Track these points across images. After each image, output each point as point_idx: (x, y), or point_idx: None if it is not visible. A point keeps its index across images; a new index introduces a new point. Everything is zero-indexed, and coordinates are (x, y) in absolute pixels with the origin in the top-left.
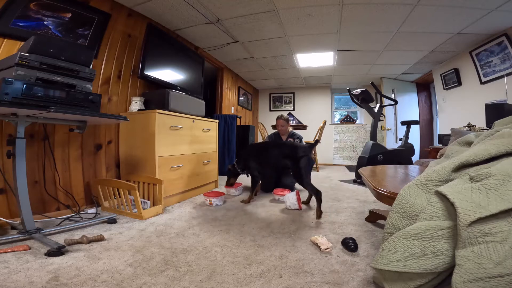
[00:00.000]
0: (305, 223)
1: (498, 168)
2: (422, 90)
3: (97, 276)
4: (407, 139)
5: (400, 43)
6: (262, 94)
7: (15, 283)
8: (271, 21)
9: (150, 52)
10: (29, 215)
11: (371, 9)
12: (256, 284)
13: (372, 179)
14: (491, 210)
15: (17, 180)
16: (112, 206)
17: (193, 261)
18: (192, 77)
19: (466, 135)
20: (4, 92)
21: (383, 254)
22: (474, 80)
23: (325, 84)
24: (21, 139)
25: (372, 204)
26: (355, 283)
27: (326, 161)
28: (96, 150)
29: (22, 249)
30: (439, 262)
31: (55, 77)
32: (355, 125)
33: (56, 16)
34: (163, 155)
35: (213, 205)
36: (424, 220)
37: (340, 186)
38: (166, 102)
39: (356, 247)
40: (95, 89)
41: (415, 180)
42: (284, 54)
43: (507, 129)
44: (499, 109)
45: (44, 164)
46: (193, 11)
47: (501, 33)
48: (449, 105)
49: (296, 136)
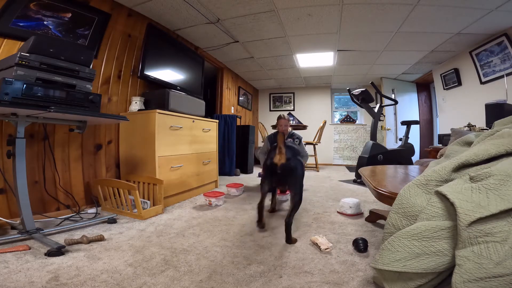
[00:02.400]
0: (305, 223)
1: (498, 168)
2: (422, 90)
3: (97, 276)
4: (407, 139)
5: (400, 43)
6: (262, 94)
7: (15, 283)
8: (271, 21)
9: (150, 52)
10: (29, 215)
11: (371, 9)
12: (256, 284)
13: (372, 179)
14: (491, 210)
15: (17, 180)
16: (112, 206)
17: (193, 261)
18: (192, 77)
19: (466, 135)
20: (4, 92)
21: (383, 254)
22: (474, 80)
23: (325, 84)
24: (21, 139)
25: (372, 204)
26: (355, 283)
27: (326, 161)
28: (96, 150)
29: (22, 249)
30: (439, 262)
31: (55, 77)
32: (355, 125)
33: (56, 16)
34: (163, 155)
35: (212, 205)
36: (424, 220)
37: (340, 186)
38: (166, 102)
39: (365, 248)
40: (95, 89)
41: (415, 180)
42: (284, 54)
43: (507, 129)
44: (499, 109)
45: (44, 164)
46: (193, 11)
47: (501, 33)
48: (449, 105)
49: (296, 136)
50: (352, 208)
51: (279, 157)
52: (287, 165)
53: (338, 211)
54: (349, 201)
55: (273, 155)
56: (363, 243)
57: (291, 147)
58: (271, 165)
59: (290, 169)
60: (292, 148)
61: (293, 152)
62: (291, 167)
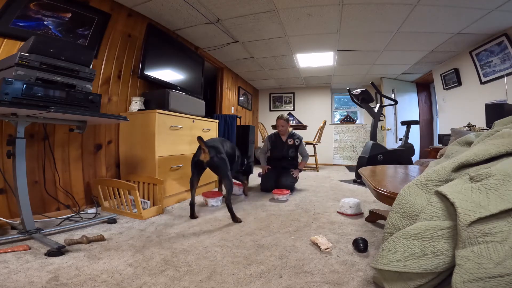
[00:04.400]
0: (305, 223)
1: (498, 168)
2: (422, 90)
3: (97, 276)
4: (407, 139)
5: (400, 43)
6: (262, 94)
7: (15, 283)
8: (271, 21)
9: (150, 52)
10: (29, 215)
11: (371, 9)
12: (256, 284)
13: (372, 179)
14: (491, 210)
15: (17, 180)
16: (112, 206)
17: (193, 261)
18: (192, 77)
19: (466, 135)
20: (4, 92)
21: (383, 254)
22: (474, 80)
23: (325, 84)
24: (21, 139)
25: (372, 204)
26: (355, 283)
27: (326, 161)
28: (96, 150)
29: (22, 249)
30: (439, 262)
31: (55, 77)
32: (355, 125)
33: (56, 16)
34: (163, 155)
35: (209, 206)
36: (424, 220)
37: (340, 186)
38: (166, 102)
39: (365, 248)
40: (95, 89)
41: (415, 180)
42: (284, 54)
43: (507, 129)
44: (499, 109)
45: (44, 164)
46: (193, 11)
47: (501, 33)
48: (449, 105)
49: (296, 136)
50: (352, 208)
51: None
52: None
53: (338, 211)
54: (349, 201)
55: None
56: (363, 243)
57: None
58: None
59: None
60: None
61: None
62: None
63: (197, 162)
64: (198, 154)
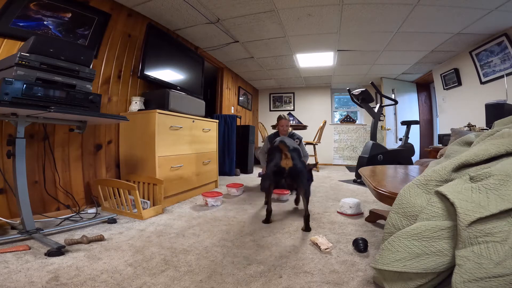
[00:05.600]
0: None
1: (498, 168)
2: (422, 90)
3: (97, 276)
4: (407, 139)
5: (400, 43)
6: (262, 94)
7: (15, 283)
8: (271, 21)
9: (150, 52)
10: (29, 215)
11: (371, 9)
12: (256, 284)
13: (372, 179)
14: (491, 210)
15: (17, 180)
16: (112, 206)
17: (193, 261)
18: (192, 77)
19: (466, 135)
20: (4, 92)
21: (383, 254)
22: (474, 80)
23: (325, 84)
24: (21, 139)
25: (372, 204)
26: (355, 283)
27: (326, 161)
28: (96, 150)
29: (22, 249)
30: (439, 262)
31: (55, 77)
32: (355, 125)
33: (56, 16)
34: (163, 155)
35: (209, 206)
36: (424, 220)
37: (340, 186)
38: (166, 102)
39: (365, 248)
40: (95, 89)
41: (415, 180)
42: (284, 54)
43: (507, 129)
44: (499, 109)
45: (44, 164)
46: (193, 11)
47: (501, 33)
48: (449, 105)
49: (296, 136)
50: (352, 208)
51: (286, 162)
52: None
53: (338, 211)
54: (349, 201)
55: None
56: (363, 243)
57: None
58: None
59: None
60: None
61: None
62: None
63: (276, 172)
64: (277, 161)
